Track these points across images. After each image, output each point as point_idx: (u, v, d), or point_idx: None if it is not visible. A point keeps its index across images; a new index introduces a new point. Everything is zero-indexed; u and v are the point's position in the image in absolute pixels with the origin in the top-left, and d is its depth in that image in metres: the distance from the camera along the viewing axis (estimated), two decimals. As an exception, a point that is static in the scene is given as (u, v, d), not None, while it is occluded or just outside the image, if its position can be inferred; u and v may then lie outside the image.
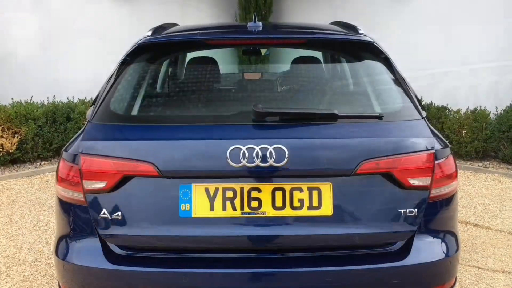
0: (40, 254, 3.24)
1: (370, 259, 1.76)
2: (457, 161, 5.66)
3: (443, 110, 6.02)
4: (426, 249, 1.79)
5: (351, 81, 2.31)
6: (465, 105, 6.01)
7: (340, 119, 1.80)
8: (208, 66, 2.48)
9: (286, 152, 1.68)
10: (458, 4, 6.42)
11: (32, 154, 5.61)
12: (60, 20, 6.83)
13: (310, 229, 1.73)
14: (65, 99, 6.28)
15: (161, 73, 2.39)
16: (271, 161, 1.67)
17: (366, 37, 2.15)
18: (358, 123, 1.83)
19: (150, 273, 1.72)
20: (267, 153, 1.67)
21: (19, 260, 3.15)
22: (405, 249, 1.78)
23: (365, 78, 2.13)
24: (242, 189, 1.71)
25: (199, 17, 7.71)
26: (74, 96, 6.38)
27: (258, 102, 1.86)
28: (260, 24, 2.20)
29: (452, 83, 6.49)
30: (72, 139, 1.96)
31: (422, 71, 6.37)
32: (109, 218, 1.74)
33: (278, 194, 1.71)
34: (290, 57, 2.60)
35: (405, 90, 1.98)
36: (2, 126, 5.33)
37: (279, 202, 1.71)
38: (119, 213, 1.73)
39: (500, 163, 5.64)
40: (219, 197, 1.71)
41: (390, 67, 2.05)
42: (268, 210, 1.71)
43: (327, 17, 4.65)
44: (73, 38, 6.86)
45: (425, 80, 6.40)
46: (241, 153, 1.67)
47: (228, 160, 1.67)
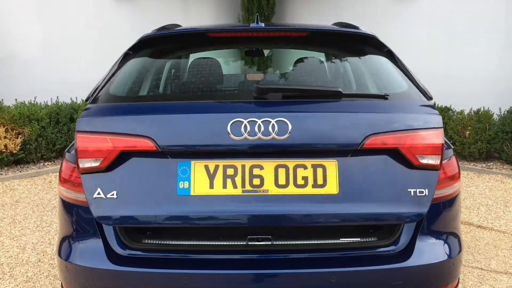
0: (43, 255, 3.25)
1: (373, 261, 1.75)
2: (461, 162, 5.65)
3: (446, 111, 6.01)
4: (429, 251, 1.78)
5: (355, 75, 2.30)
6: (469, 106, 6.00)
7: (345, 98, 1.78)
8: (211, 66, 2.48)
9: (289, 126, 1.64)
10: (461, 5, 6.40)
11: (36, 155, 5.64)
12: (63, 20, 6.86)
13: (316, 208, 1.67)
14: (69, 100, 6.30)
15: (163, 67, 2.41)
16: (274, 134, 1.63)
17: (369, 32, 2.17)
18: (364, 101, 1.80)
19: (152, 274, 1.72)
20: (269, 127, 1.64)
21: (22, 261, 3.16)
22: (408, 251, 1.77)
23: (370, 71, 2.13)
24: (244, 167, 1.67)
25: (202, 19, 7.74)
26: (78, 97, 6.40)
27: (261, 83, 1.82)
28: (263, 25, 2.20)
29: (456, 84, 6.47)
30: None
31: (425, 72, 6.36)
32: (104, 198, 1.69)
33: (281, 172, 1.67)
34: (293, 58, 2.60)
35: (412, 79, 1.97)
36: (6, 127, 5.36)
37: (282, 180, 1.67)
38: (115, 193, 1.69)
39: (504, 164, 5.63)
40: (220, 175, 1.67)
41: (394, 60, 2.06)
42: (271, 188, 1.66)
43: (330, 19, 4.64)
44: (76, 38, 6.89)
45: (428, 81, 6.38)
46: (243, 126, 1.64)
47: (229, 134, 1.64)
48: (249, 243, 1.74)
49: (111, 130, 1.69)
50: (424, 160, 1.71)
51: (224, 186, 1.66)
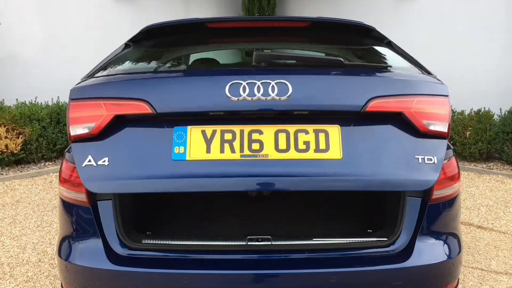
0: (44, 255, 3.25)
1: (372, 261, 1.75)
2: (461, 163, 5.65)
3: (447, 111, 6.01)
4: (428, 251, 1.78)
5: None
6: (469, 106, 5.99)
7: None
8: (212, 61, 2.48)
9: (290, 87, 1.60)
10: (461, 5, 6.40)
11: (36, 155, 5.64)
12: (63, 20, 6.86)
13: (319, 170, 1.60)
14: (69, 100, 6.32)
15: (162, 56, 2.39)
16: (273, 95, 1.59)
17: (369, 24, 2.19)
18: (367, 69, 1.78)
19: (152, 274, 1.71)
20: (269, 88, 1.59)
21: (23, 261, 3.16)
22: (408, 251, 1.77)
23: (372, 60, 2.11)
24: (242, 131, 1.62)
25: (202, 18, 7.74)
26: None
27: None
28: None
29: (456, 84, 6.47)
30: None
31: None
32: (95, 166, 1.62)
33: (282, 136, 1.62)
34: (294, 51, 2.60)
35: (416, 63, 1.96)
36: (7, 127, 5.36)
37: (283, 145, 1.61)
38: (106, 159, 1.62)
39: (504, 165, 5.62)
40: (217, 140, 1.62)
41: (394, 50, 2.07)
42: (271, 153, 1.60)
43: (330, 18, 4.65)
44: (77, 38, 6.89)
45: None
46: (241, 88, 1.60)
47: (228, 95, 1.59)
48: (249, 243, 1.74)
49: (105, 95, 1.64)
50: (432, 127, 1.66)
51: (222, 151, 1.60)
